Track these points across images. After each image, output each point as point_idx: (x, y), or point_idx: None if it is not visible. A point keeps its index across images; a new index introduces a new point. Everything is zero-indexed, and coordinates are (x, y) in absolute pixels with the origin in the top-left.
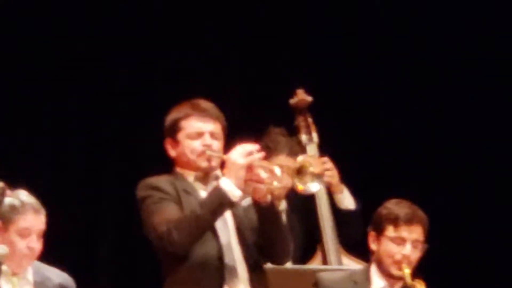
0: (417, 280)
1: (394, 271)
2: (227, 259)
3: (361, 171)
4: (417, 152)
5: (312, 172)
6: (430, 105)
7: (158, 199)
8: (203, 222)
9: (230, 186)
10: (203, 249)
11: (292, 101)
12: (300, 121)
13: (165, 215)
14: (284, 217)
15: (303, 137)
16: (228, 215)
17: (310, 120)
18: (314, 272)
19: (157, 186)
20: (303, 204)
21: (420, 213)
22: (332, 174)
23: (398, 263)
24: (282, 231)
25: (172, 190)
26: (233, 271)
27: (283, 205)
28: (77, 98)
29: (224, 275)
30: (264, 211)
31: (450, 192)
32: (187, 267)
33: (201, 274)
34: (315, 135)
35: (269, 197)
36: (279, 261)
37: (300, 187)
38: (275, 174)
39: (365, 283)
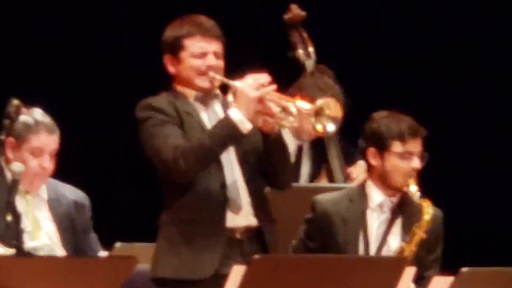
0: (424, 199)
1: (403, 186)
2: (229, 185)
3: (358, 84)
4: (417, 63)
5: (329, 115)
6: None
7: (159, 122)
8: (211, 153)
9: (240, 118)
10: (206, 176)
11: (286, 16)
12: (296, 36)
13: (169, 140)
14: None
15: (300, 53)
16: None
17: (305, 35)
18: (312, 190)
19: (158, 107)
20: None
21: (419, 125)
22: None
23: (407, 177)
24: (287, 161)
25: (173, 111)
26: (236, 196)
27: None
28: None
29: (227, 200)
30: (271, 141)
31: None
32: (189, 194)
33: (203, 201)
34: (312, 50)
35: (277, 127)
36: (280, 188)
37: (318, 128)
38: (290, 111)
39: (361, 200)
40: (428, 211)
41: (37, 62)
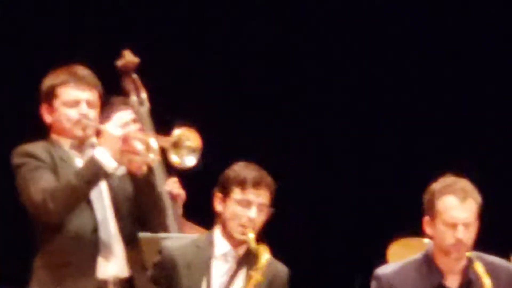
0: (261, 245)
1: (238, 234)
2: (102, 232)
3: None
4: (260, 109)
5: (189, 146)
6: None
7: (33, 167)
8: (78, 192)
9: (105, 157)
10: (78, 220)
11: (119, 63)
12: (129, 83)
13: (40, 184)
14: None
15: (133, 100)
16: (103, 186)
17: (138, 81)
18: (162, 239)
19: (32, 154)
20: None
21: (268, 177)
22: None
23: (243, 226)
24: (158, 201)
25: (48, 157)
26: (108, 244)
27: None
28: None
29: (98, 247)
30: (140, 182)
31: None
32: (61, 238)
33: (75, 246)
34: (144, 97)
35: (144, 168)
36: (154, 230)
37: (176, 161)
38: (151, 146)
39: (208, 247)
40: (265, 255)
41: None
